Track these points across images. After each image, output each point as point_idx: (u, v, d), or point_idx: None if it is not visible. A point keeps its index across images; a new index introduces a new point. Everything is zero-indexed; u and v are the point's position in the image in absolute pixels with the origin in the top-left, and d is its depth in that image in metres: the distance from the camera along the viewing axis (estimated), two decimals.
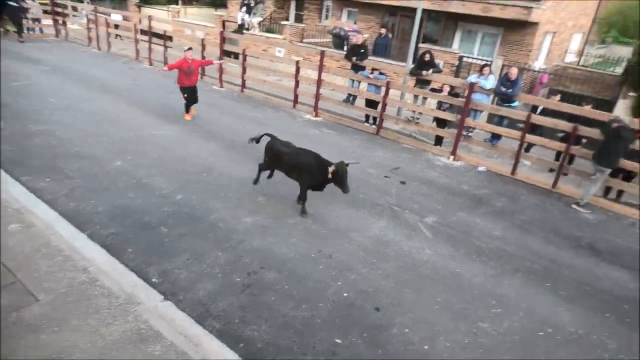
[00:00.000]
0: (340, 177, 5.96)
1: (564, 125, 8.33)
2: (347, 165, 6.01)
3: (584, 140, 8.40)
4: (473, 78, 9.48)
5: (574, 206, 7.77)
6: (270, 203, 6.67)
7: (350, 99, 11.56)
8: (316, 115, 11.57)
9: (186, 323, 4.19)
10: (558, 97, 9.74)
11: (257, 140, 6.71)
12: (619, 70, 15.27)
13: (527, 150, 9.46)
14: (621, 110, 10.75)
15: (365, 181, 7.85)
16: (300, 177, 6.38)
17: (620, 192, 8.45)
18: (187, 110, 10.17)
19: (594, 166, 7.68)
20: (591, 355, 4.46)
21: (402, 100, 11.28)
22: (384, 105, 10.38)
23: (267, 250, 5.48)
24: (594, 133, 7.87)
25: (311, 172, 6.21)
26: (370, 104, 10.94)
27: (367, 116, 11.23)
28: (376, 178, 8.07)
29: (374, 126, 10.89)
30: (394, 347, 4.27)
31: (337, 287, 5.00)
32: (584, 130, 8.01)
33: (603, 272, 5.92)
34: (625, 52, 18.01)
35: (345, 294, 4.90)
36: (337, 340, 4.26)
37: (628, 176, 8.28)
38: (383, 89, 10.42)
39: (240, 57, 13.02)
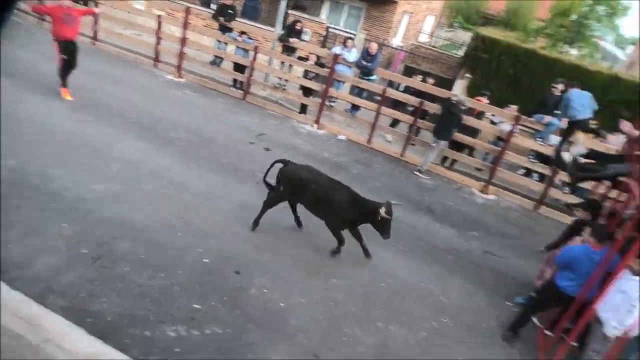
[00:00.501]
0: (387, 221, 5.11)
1: (413, 100, 9.27)
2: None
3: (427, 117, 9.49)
4: (337, 50, 9.89)
5: (416, 173, 8.80)
6: (124, 168, 6.24)
7: (217, 62, 11.17)
8: (179, 76, 10.95)
9: (21, 303, 3.80)
10: (419, 77, 10.62)
11: (265, 178, 5.63)
12: (461, 53, 17.32)
13: (393, 125, 10.32)
14: (458, 89, 12.30)
15: (230, 146, 7.79)
16: (328, 215, 5.36)
17: (453, 161, 9.79)
18: (65, 82, 8.02)
19: (433, 138, 8.75)
20: (423, 300, 5.23)
21: (270, 66, 11.29)
22: (252, 70, 10.28)
23: (121, 219, 5.17)
24: (436, 108, 8.91)
25: (343, 210, 5.21)
26: (238, 67, 10.73)
27: (235, 80, 11.02)
28: (241, 143, 8.07)
29: (240, 91, 10.75)
30: (253, 307, 4.47)
31: (197, 253, 4.98)
32: (428, 106, 9.02)
33: (435, 230, 6.89)
34: (467, 37, 20.41)
35: (205, 260, 4.92)
36: (196, 306, 4.29)
37: (460, 147, 9.63)
38: (251, 53, 10.28)
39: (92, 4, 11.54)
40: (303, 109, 10.49)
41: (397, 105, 10.04)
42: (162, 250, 4.87)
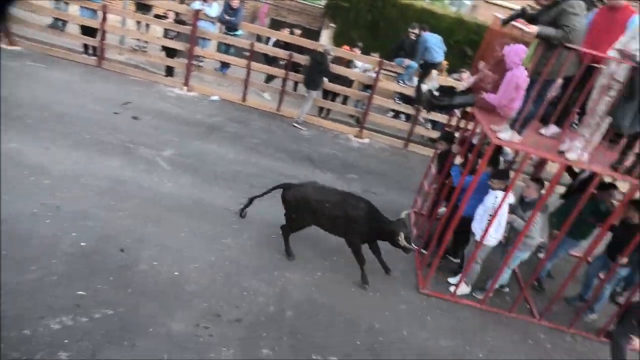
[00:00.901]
0: (408, 240, 4.74)
1: (282, 53, 9.27)
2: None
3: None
4: (197, 5, 9.34)
5: (294, 124, 8.99)
6: None
7: (60, 25, 9.81)
8: (12, 44, 9.40)
9: None
10: (287, 30, 10.41)
11: (246, 206, 5.19)
12: (324, 3, 17.56)
13: (268, 81, 10.19)
14: (325, 39, 12.58)
15: (91, 119, 7.09)
16: (348, 233, 4.91)
17: (328, 110, 10.16)
18: None
19: (305, 89, 8.94)
20: (314, 244, 5.53)
21: (124, 28, 10.28)
22: (103, 32, 9.26)
23: None
24: (306, 60, 9.05)
25: (362, 226, 4.81)
26: (87, 31, 9.56)
27: (86, 46, 9.83)
28: (104, 115, 7.38)
29: (94, 57, 9.66)
30: (144, 282, 4.32)
31: (71, 238, 4.59)
32: (298, 58, 9.11)
33: (316, 177, 7.20)
34: None
35: (83, 244, 4.57)
36: (80, 292, 4.02)
37: (333, 96, 10.01)
38: (100, 14, 9.21)
39: None
40: (169, 71, 9.86)
41: (271, 60, 9.94)
42: (28, 242, 4.39)
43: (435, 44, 8.65)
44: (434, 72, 8.34)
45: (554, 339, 5.10)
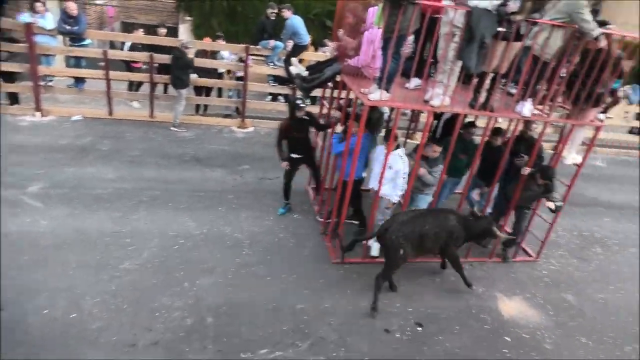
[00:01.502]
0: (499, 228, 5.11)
1: (140, 56, 8.66)
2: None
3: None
4: (27, 18, 8.26)
5: (172, 128, 8.53)
6: None
7: None
8: None
9: None
10: (141, 31, 9.66)
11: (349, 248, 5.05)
12: None
13: (135, 89, 9.44)
14: (183, 34, 12.03)
15: None
16: (448, 246, 4.96)
17: (205, 107, 9.80)
18: None
19: (174, 89, 8.50)
20: (219, 244, 5.36)
21: None
22: None
23: None
24: (168, 59, 8.56)
25: (460, 233, 4.94)
26: None
27: None
28: None
29: None
30: (39, 335, 3.85)
31: None
32: (160, 58, 8.57)
33: (208, 175, 6.97)
34: None
35: None
36: None
37: (207, 91, 9.66)
38: None
39: None
40: (13, 98, 8.68)
41: (131, 67, 9.23)
42: None
43: (301, 27, 8.73)
44: (294, 59, 8.33)
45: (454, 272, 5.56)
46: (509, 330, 4.80)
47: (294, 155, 5.89)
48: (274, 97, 10.14)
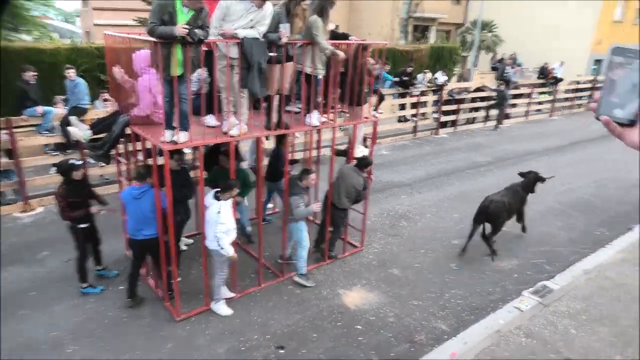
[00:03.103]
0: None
1: None
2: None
3: None
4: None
5: None
6: None
7: None
8: None
9: None
10: None
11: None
12: None
13: None
14: None
15: None
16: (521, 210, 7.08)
17: None
18: None
19: None
20: None
21: None
22: None
23: None
24: None
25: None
26: None
27: None
28: None
29: None
30: None
31: None
32: None
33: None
34: None
35: None
36: None
37: None
38: None
39: None
40: None
41: None
42: None
43: (85, 89, 8.36)
44: (73, 118, 7.47)
45: (299, 285, 5.80)
46: (359, 319, 5.20)
47: (81, 226, 5.27)
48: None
